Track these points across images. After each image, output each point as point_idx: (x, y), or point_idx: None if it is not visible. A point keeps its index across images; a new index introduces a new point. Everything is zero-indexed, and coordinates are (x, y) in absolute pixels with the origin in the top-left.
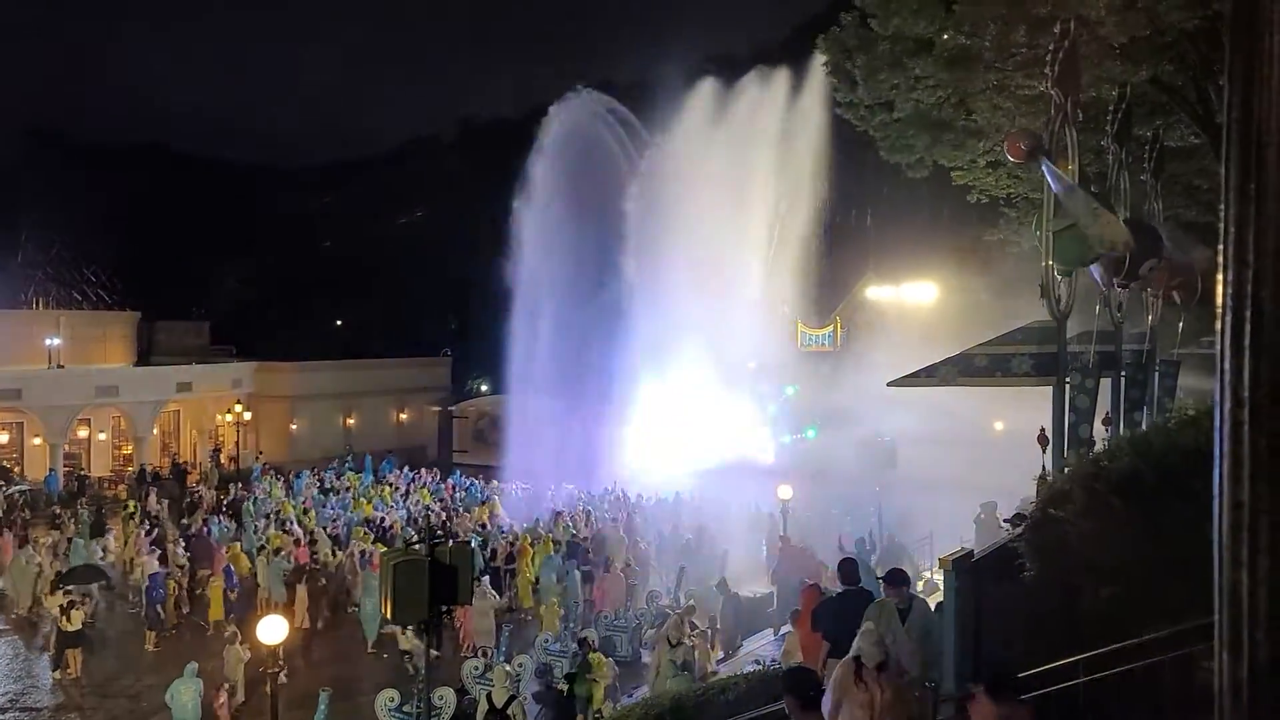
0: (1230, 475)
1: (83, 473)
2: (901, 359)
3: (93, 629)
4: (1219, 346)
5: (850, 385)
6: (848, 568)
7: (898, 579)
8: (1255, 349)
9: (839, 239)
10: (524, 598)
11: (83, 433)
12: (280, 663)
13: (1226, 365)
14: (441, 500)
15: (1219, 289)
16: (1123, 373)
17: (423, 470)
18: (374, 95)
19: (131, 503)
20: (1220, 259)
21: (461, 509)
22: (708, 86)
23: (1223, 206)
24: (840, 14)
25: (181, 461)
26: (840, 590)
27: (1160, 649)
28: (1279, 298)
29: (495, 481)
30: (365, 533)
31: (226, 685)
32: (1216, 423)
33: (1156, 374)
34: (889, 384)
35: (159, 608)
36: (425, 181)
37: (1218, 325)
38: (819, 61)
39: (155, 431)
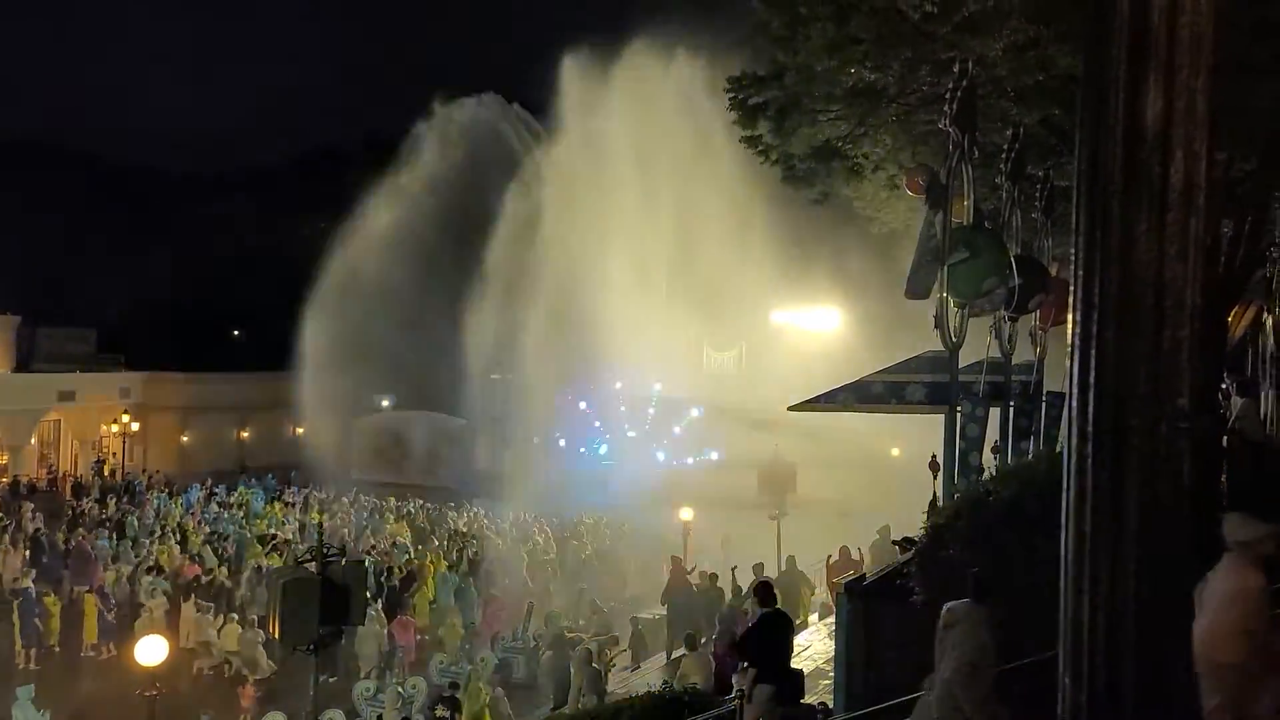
0: (1075, 507)
1: None
2: (804, 383)
3: None
4: (1067, 384)
5: (753, 408)
6: (764, 591)
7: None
8: (1099, 387)
9: (745, 261)
10: (421, 617)
11: None
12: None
13: (1073, 402)
14: (336, 517)
15: (1068, 329)
16: (1011, 403)
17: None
18: (277, 102)
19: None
20: (1070, 300)
21: (368, 528)
22: (599, 89)
23: (1073, 252)
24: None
25: (61, 473)
26: (759, 614)
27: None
28: (1122, 339)
29: (392, 499)
30: (259, 549)
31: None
32: (1064, 457)
33: (1043, 405)
34: (789, 408)
35: (37, 621)
36: (328, 191)
37: (1067, 363)
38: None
39: (33, 441)
